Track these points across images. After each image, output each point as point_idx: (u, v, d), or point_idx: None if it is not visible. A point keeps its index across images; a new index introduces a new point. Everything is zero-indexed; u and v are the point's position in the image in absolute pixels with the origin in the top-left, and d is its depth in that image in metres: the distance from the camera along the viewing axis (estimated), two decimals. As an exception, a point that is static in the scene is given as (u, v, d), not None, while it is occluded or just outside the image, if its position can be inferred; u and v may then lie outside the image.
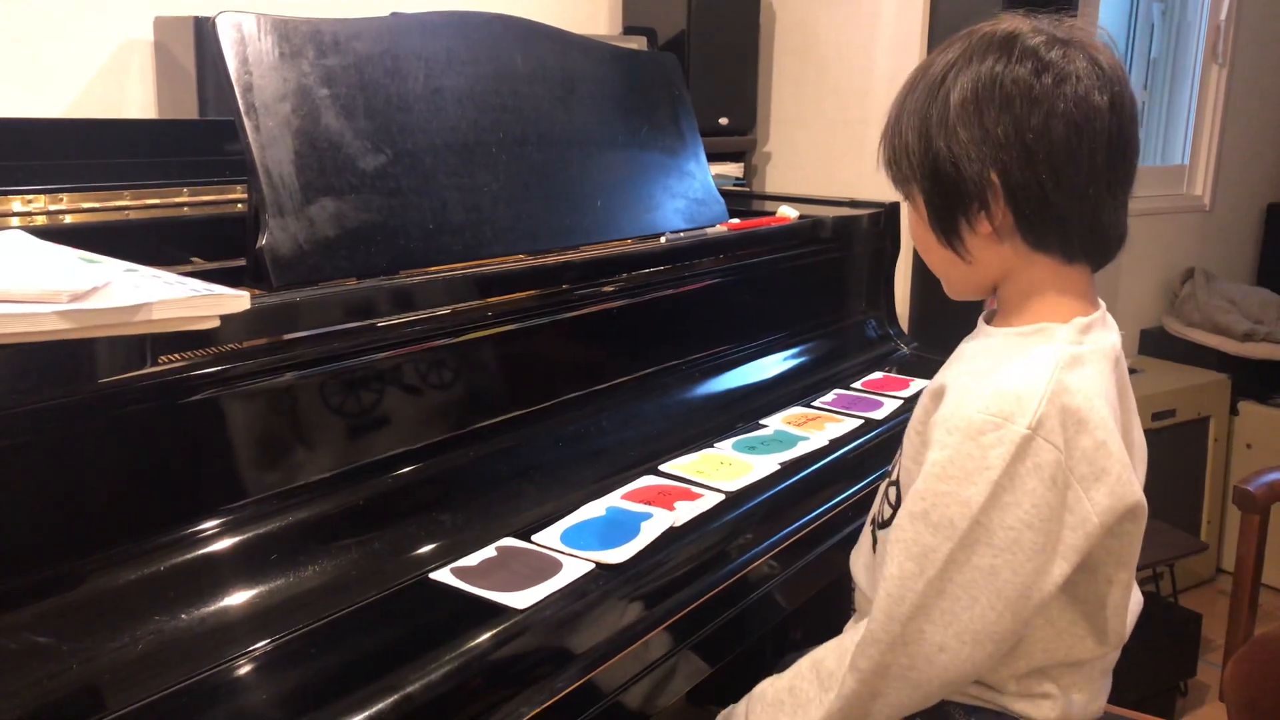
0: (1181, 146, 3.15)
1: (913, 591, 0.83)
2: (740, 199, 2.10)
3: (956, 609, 0.83)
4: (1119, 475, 0.82)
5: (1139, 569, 0.93)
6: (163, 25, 1.87)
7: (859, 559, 1.04)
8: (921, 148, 0.88)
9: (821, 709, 0.91)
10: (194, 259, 1.32)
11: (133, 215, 1.28)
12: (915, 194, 0.91)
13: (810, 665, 1.00)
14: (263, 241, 1.02)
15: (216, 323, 0.77)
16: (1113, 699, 0.98)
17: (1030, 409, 0.80)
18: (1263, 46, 3.18)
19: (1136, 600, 0.99)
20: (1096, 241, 0.89)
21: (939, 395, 0.88)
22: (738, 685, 1.07)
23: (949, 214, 0.89)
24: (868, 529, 1.03)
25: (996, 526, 0.81)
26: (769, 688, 1.03)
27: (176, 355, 0.87)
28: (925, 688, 0.86)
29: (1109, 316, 0.93)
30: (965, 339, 0.97)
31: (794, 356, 1.68)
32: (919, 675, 0.85)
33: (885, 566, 0.87)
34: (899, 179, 0.93)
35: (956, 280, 0.95)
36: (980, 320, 0.97)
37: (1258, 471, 1.65)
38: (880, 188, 1.13)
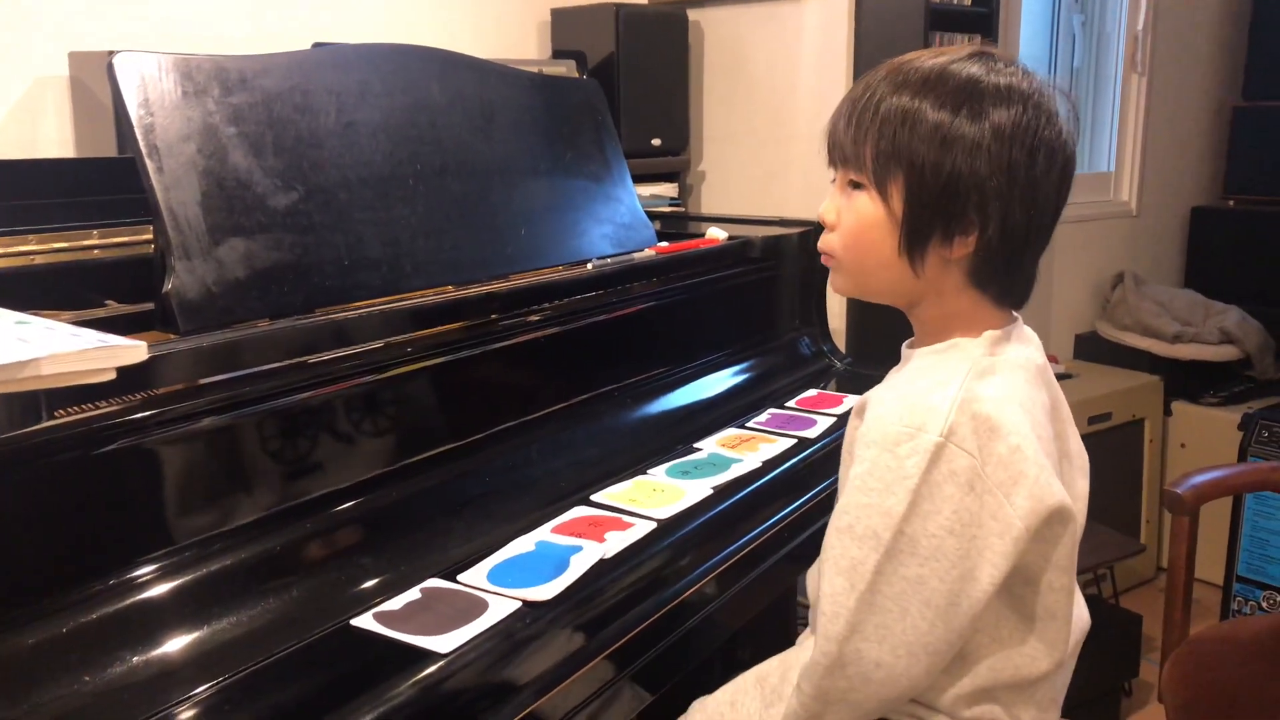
0: (1107, 154, 3.21)
1: (845, 608, 0.84)
2: (672, 221, 2.11)
3: (889, 621, 0.83)
4: (1036, 478, 0.83)
5: (1080, 571, 0.93)
6: (78, 60, 1.84)
7: (812, 579, 1.04)
8: (935, 157, 0.84)
9: None
10: (109, 302, 1.29)
11: (39, 260, 1.24)
12: (892, 190, 0.86)
13: (754, 680, 1.00)
14: (168, 286, 0.99)
15: (112, 375, 0.75)
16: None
17: (942, 418, 0.82)
18: (1179, 55, 3.26)
19: (1082, 618, 0.98)
20: (1024, 285, 0.92)
21: (862, 412, 0.90)
22: (687, 708, 1.06)
23: (928, 225, 0.86)
24: None
25: (919, 535, 0.82)
26: (710, 700, 1.03)
27: (77, 407, 0.84)
28: (864, 707, 0.86)
29: (1026, 329, 0.95)
30: (891, 370, 0.98)
31: (728, 377, 1.68)
32: (858, 696, 0.86)
33: (820, 586, 0.87)
34: (877, 170, 0.87)
35: (882, 281, 0.91)
36: (904, 348, 0.98)
37: (1185, 474, 1.67)
38: (809, 205, 1.12)
